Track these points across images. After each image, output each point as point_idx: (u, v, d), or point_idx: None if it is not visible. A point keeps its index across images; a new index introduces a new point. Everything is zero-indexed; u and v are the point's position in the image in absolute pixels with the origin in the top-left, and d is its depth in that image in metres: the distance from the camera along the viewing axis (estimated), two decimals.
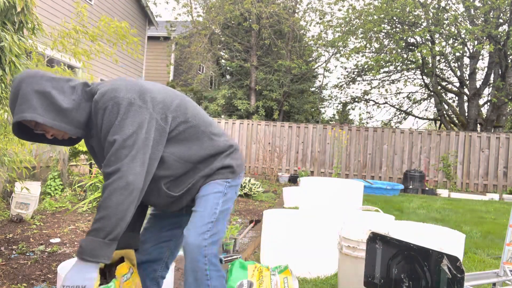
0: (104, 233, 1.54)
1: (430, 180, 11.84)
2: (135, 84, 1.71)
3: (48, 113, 1.61)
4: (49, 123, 1.61)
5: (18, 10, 2.87)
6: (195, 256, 1.74)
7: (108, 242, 1.55)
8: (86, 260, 1.53)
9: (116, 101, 1.62)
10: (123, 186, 1.56)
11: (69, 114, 1.65)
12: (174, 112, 1.76)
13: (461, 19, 14.39)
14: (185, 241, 1.77)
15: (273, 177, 11.50)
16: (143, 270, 2.05)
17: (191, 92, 16.98)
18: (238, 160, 1.96)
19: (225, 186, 1.89)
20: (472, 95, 14.64)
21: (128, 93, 1.65)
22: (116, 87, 1.66)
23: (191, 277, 1.77)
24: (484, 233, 5.52)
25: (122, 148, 1.59)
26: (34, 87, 1.61)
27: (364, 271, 2.24)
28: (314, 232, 3.49)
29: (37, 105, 1.59)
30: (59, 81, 1.67)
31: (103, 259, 1.55)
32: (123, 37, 4.76)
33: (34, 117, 1.58)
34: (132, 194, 1.58)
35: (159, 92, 1.75)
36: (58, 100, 1.62)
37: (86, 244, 1.54)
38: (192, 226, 1.78)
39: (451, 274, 1.77)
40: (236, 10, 15.32)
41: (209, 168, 1.86)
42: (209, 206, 1.82)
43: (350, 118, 20.49)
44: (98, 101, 1.64)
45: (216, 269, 1.80)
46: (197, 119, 1.85)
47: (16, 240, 3.87)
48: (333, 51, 16.81)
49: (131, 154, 1.59)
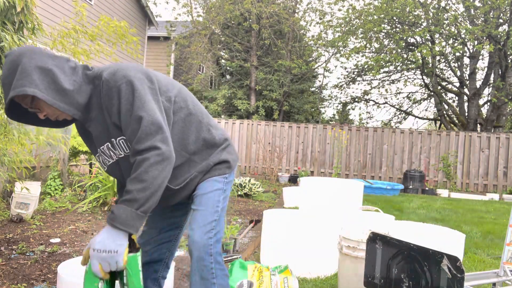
0: (138, 204, 1.53)
1: (430, 180, 11.84)
2: (139, 66, 1.72)
3: (49, 91, 1.57)
4: (49, 101, 1.57)
5: (18, 10, 2.87)
6: (202, 255, 1.74)
7: (140, 214, 1.54)
8: (117, 228, 1.51)
9: (129, 79, 1.61)
10: (159, 160, 1.56)
11: (70, 95, 1.62)
12: (176, 97, 1.78)
13: (461, 19, 14.39)
14: (191, 240, 1.76)
15: (273, 177, 11.50)
16: (144, 272, 2.04)
17: (191, 92, 16.98)
18: (233, 154, 1.97)
19: (223, 182, 1.89)
20: (472, 95, 14.64)
21: (138, 73, 1.65)
22: (124, 67, 1.65)
23: (197, 276, 1.77)
24: (484, 233, 5.52)
25: (151, 124, 1.58)
26: (37, 62, 1.56)
27: (364, 271, 2.24)
28: (314, 232, 3.49)
29: (39, 81, 1.55)
30: (60, 60, 1.64)
31: (133, 229, 1.53)
32: (123, 37, 4.76)
33: (35, 92, 1.53)
34: (167, 168, 1.58)
35: (162, 77, 1.79)
36: (60, 79, 1.59)
37: (119, 212, 1.52)
38: (196, 226, 1.78)
39: (451, 274, 1.77)
40: (236, 10, 15.32)
41: (205, 163, 1.86)
42: (210, 204, 1.82)
43: (350, 118, 20.49)
44: (109, 80, 1.62)
45: (221, 267, 1.81)
46: (196, 109, 1.86)
47: (16, 240, 3.87)
48: (333, 51, 16.82)
49: (161, 130, 1.59)
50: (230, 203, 6.74)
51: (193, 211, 1.84)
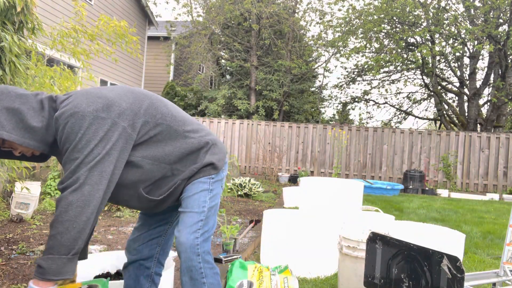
0: (66, 249, 1.51)
1: (430, 180, 11.84)
2: (98, 96, 1.65)
3: (17, 131, 1.58)
4: (18, 141, 1.57)
5: (18, 10, 2.87)
6: (189, 255, 1.76)
7: (71, 257, 1.53)
8: (50, 280, 1.50)
9: (77, 117, 1.58)
10: (78, 197, 1.54)
11: (39, 132, 1.62)
12: (143, 116, 1.72)
13: (461, 19, 14.39)
14: (178, 242, 1.78)
15: (273, 177, 11.50)
16: (136, 269, 2.07)
17: (191, 92, 16.97)
18: (218, 154, 1.92)
19: (209, 182, 1.87)
20: (472, 95, 14.64)
21: (89, 107, 1.60)
22: (76, 103, 1.61)
23: (187, 276, 1.79)
24: (484, 233, 5.52)
25: (81, 164, 1.56)
26: (4, 104, 1.57)
27: (364, 271, 2.24)
28: (314, 232, 3.49)
29: (6, 122, 1.55)
30: (28, 97, 1.63)
31: (68, 275, 1.52)
32: (122, 36, 4.75)
33: (2, 134, 1.54)
34: (91, 205, 1.55)
35: (126, 98, 1.71)
36: (27, 117, 1.59)
37: (48, 264, 1.50)
38: (183, 226, 1.79)
39: (451, 274, 1.77)
40: (236, 10, 15.32)
41: (189, 169, 1.83)
42: (196, 205, 1.82)
43: (350, 118, 20.49)
44: (58, 118, 1.61)
45: (210, 266, 1.82)
46: (168, 119, 1.79)
47: (16, 240, 3.87)
48: (333, 51, 16.81)
49: (89, 167, 1.56)
50: (230, 203, 6.74)
51: (180, 214, 1.85)
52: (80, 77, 7.31)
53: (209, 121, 12.91)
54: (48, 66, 4.17)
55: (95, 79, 5.09)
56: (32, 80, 3.63)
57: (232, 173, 9.98)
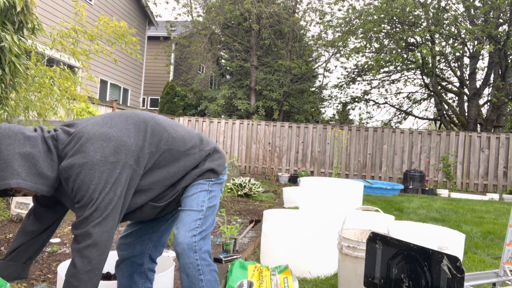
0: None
1: (430, 180, 11.84)
2: (102, 139, 1.64)
3: (31, 177, 1.56)
4: (32, 188, 1.56)
5: (18, 10, 2.87)
6: (186, 252, 1.80)
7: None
8: None
9: (87, 168, 1.58)
10: (94, 249, 1.58)
11: (50, 178, 1.62)
12: (147, 149, 1.75)
13: (461, 19, 14.39)
14: (176, 240, 1.82)
15: (273, 177, 11.50)
16: (129, 266, 2.09)
17: (191, 92, 16.98)
18: (218, 160, 1.99)
19: (208, 184, 1.94)
20: (472, 95, 14.64)
21: (97, 154, 1.60)
22: (83, 152, 1.60)
23: (184, 274, 1.83)
24: (484, 233, 5.52)
25: (94, 212, 1.59)
26: (15, 149, 1.53)
27: (364, 271, 2.24)
28: (314, 232, 3.49)
29: (20, 169, 1.53)
30: (36, 139, 1.60)
31: None
32: (122, 37, 4.76)
33: (19, 183, 1.52)
34: (106, 252, 1.62)
35: (129, 133, 1.71)
36: (40, 162, 1.58)
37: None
38: (181, 225, 1.84)
39: (451, 274, 1.77)
40: (236, 10, 15.33)
41: (189, 177, 1.91)
42: (195, 204, 1.87)
43: (350, 118, 20.50)
44: (68, 170, 1.60)
45: (207, 263, 1.85)
46: (170, 143, 1.83)
47: None
48: (333, 51, 16.81)
49: (103, 216, 1.60)
50: (230, 203, 6.74)
51: (179, 212, 1.91)
52: (80, 77, 7.31)
53: (209, 121, 12.91)
54: (47, 66, 4.17)
55: (95, 79, 5.09)
56: (32, 80, 3.63)
57: (232, 173, 9.98)
